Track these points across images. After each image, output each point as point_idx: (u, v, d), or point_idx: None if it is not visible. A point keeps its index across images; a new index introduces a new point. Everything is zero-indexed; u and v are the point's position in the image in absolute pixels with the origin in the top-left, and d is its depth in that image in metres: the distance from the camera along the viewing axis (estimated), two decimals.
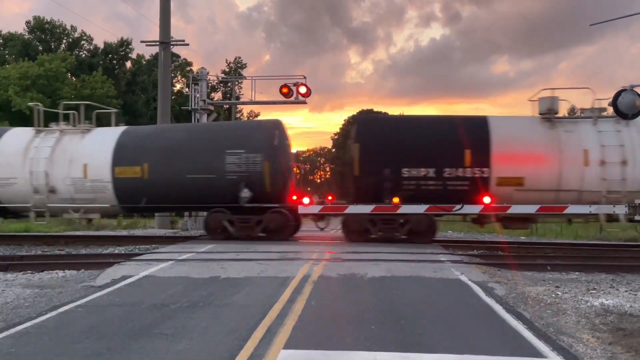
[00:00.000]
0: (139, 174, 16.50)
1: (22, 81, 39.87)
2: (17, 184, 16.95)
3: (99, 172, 16.68)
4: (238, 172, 16.07)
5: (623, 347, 6.26)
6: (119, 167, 16.58)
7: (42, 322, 6.97)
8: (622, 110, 9.05)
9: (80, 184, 16.76)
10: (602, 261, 12.99)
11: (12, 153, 17.08)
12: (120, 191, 16.70)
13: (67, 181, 16.80)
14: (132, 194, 16.68)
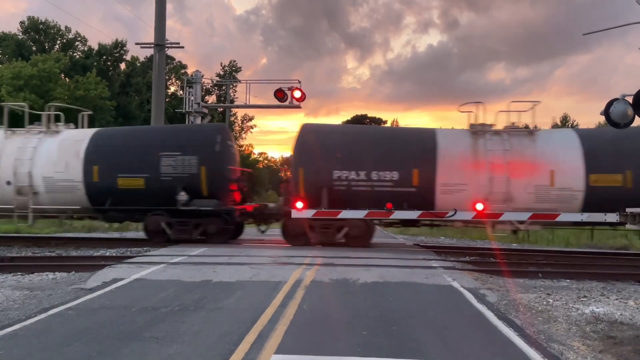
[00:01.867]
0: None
1: (15, 81, 39.63)
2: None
3: None
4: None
5: (613, 355, 6.29)
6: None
7: (32, 325, 6.91)
8: (614, 119, 9.11)
9: None
10: (593, 269, 13.05)
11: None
12: None
13: None
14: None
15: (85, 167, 16.58)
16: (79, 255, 14.21)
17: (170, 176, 16.25)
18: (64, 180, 16.65)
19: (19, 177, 16.70)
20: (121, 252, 14.63)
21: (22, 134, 17.51)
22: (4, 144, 17.19)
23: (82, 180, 16.57)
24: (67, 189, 16.65)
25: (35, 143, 17.05)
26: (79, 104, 42.51)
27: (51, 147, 16.99)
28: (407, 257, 13.77)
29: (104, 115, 43.94)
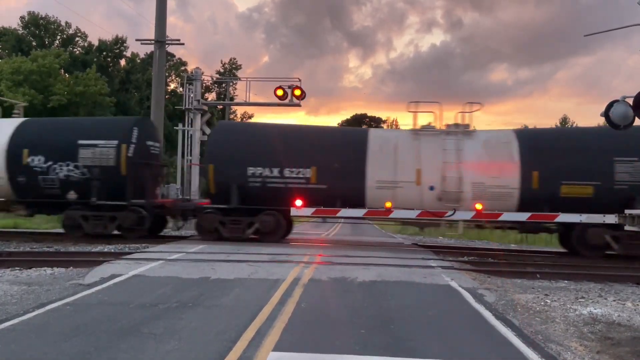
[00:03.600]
0: None
1: (14, 76, 39.57)
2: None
3: None
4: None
5: (610, 356, 6.29)
6: None
7: (29, 320, 6.91)
8: (614, 121, 9.12)
9: None
10: (591, 270, 13.05)
11: None
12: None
13: None
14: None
15: (522, 172, 15.50)
16: (78, 251, 14.18)
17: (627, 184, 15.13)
18: (497, 187, 15.58)
19: (449, 182, 15.67)
20: (119, 249, 14.61)
21: (436, 134, 16.46)
22: (415, 144, 16.33)
23: (518, 187, 15.46)
24: (499, 196, 15.56)
25: (455, 145, 16.05)
26: (79, 100, 42.63)
27: (475, 149, 16.06)
28: (405, 256, 13.78)
29: (103, 112, 43.90)
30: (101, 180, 16.42)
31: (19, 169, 16.80)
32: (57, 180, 16.67)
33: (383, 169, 16.02)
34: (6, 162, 16.86)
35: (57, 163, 16.65)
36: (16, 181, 16.87)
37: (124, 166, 16.48)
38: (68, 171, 16.62)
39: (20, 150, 16.80)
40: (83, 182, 16.52)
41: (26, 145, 16.86)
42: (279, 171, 16.24)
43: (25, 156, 16.72)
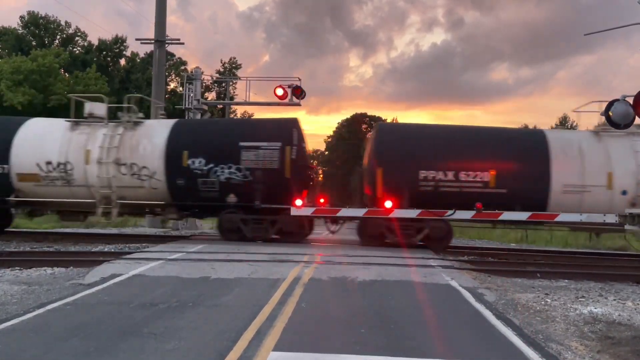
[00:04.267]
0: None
1: (14, 76, 39.54)
2: None
3: None
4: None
5: (611, 355, 6.29)
6: None
7: (30, 320, 6.90)
8: (615, 120, 9.13)
9: None
10: (591, 269, 13.07)
11: None
12: None
13: None
14: None
15: None
16: (78, 251, 14.19)
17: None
18: None
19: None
20: (120, 248, 14.62)
21: (623, 135, 15.58)
22: (602, 146, 15.66)
23: None
24: None
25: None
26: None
27: None
28: (405, 255, 13.77)
29: None
30: (264, 183, 16.01)
31: (179, 171, 16.33)
32: (217, 183, 16.21)
33: (570, 172, 15.40)
34: (165, 164, 16.39)
35: (219, 165, 16.19)
36: (175, 184, 16.40)
37: (288, 169, 16.10)
38: (229, 174, 16.17)
39: (179, 152, 16.34)
40: (244, 185, 16.12)
41: (186, 147, 16.40)
42: (453, 175, 15.59)
43: (185, 158, 16.27)
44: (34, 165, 16.65)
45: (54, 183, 16.72)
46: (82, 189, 16.72)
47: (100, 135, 16.81)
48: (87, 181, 16.63)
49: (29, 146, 16.83)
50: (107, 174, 16.41)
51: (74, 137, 16.92)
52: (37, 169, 16.65)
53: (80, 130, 17.10)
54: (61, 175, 16.63)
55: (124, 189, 16.51)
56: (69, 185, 16.71)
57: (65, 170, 16.61)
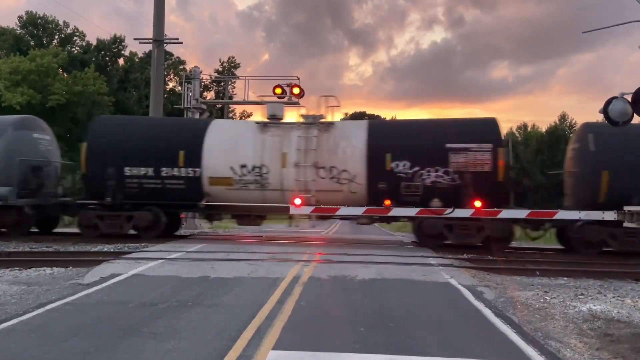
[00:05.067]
0: None
1: (12, 76, 39.49)
2: None
3: None
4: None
5: (610, 352, 6.30)
6: None
7: (29, 320, 6.91)
8: (612, 118, 9.12)
9: None
10: (590, 267, 13.06)
11: None
12: None
13: None
14: None
15: None
16: (77, 251, 14.17)
17: None
18: None
19: None
20: (119, 248, 14.60)
21: None
22: None
23: None
24: None
25: None
26: (77, 100, 42.56)
27: None
28: (405, 254, 13.78)
29: (102, 111, 43.84)
30: (473, 188, 15.18)
31: (381, 175, 15.70)
32: (421, 187, 15.55)
33: None
34: (367, 167, 15.79)
35: (425, 169, 15.55)
36: (375, 188, 15.72)
37: (501, 172, 15.35)
38: (436, 177, 15.50)
39: (382, 154, 15.73)
40: (450, 189, 15.46)
41: (388, 149, 15.78)
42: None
43: (388, 161, 15.64)
44: (227, 168, 16.16)
45: (247, 187, 16.21)
46: (276, 193, 16.21)
47: (294, 137, 16.31)
48: (282, 185, 16.12)
49: (221, 149, 16.38)
50: (305, 177, 15.88)
51: (267, 139, 16.41)
52: (230, 173, 16.16)
53: (272, 132, 16.57)
54: (255, 179, 16.12)
55: (320, 193, 15.96)
56: (262, 189, 16.18)
57: (260, 174, 16.11)
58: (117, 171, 16.30)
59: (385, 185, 15.68)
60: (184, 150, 16.32)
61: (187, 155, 16.28)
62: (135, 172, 16.39)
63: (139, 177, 16.40)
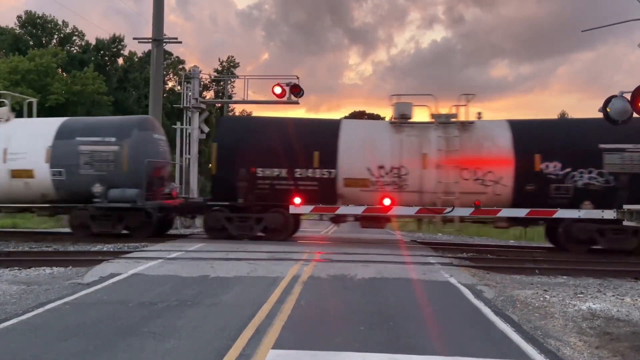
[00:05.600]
0: None
1: (12, 76, 39.47)
2: None
3: None
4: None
5: (609, 351, 6.31)
6: None
7: (29, 319, 6.91)
8: (612, 116, 9.14)
9: None
10: (589, 266, 13.07)
11: None
12: None
13: None
14: None
15: None
16: (76, 251, 14.17)
17: None
18: None
19: None
20: (118, 248, 14.60)
21: None
22: None
23: None
24: None
25: None
26: (76, 99, 42.55)
27: None
28: (404, 253, 13.79)
29: (102, 111, 43.81)
30: (630, 190, 14.69)
31: (529, 176, 15.24)
32: (571, 189, 15.14)
33: None
34: (514, 168, 15.37)
35: (577, 170, 15.11)
36: (522, 190, 15.32)
37: None
38: (589, 179, 15.11)
39: (530, 155, 15.30)
40: (603, 191, 15.03)
41: (537, 150, 15.35)
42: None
43: (537, 162, 15.20)
44: (364, 169, 15.84)
45: (383, 188, 15.83)
46: (414, 195, 15.81)
47: (433, 137, 15.92)
48: (421, 187, 15.75)
49: (357, 149, 16.05)
50: (447, 179, 15.47)
51: (404, 139, 16.04)
52: (367, 174, 15.83)
53: (408, 132, 16.18)
54: (393, 180, 15.76)
55: (464, 195, 15.49)
56: (399, 191, 15.78)
57: (398, 175, 15.74)
58: (249, 172, 16.06)
59: (533, 187, 15.32)
60: (319, 151, 16.08)
61: (322, 156, 16.04)
62: (268, 173, 16.13)
63: (271, 178, 16.12)
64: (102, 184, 15.90)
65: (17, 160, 16.48)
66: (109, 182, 15.96)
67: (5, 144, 16.67)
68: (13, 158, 16.52)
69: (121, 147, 16.17)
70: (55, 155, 16.34)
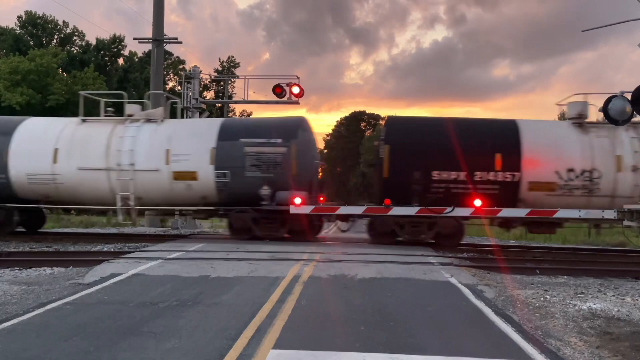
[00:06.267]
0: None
1: (12, 76, 39.50)
2: None
3: None
4: None
5: (610, 351, 6.30)
6: None
7: (29, 319, 6.91)
8: (612, 116, 9.14)
9: None
10: (590, 265, 13.07)
11: None
12: None
13: None
14: None
15: None
16: (77, 251, 14.18)
17: None
18: None
19: None
20: (119, 248, 14.61)
21: None
22: None
23: None
24: None
25: None
26: (77, 99, 42.59)
27: None
28: (404, 253, 13.78)
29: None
30: None
31: None
32: None
33: None
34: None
35: None
36: None
37: None
38: None
39: None
40: None
41: None
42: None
43: None
44: (552, 172, 15.30)
45: (571, 192, 15.29)
46: (604, 200, 15.21)
47: (625, 138, 15.43)
48: (614, 191, 15.18)
49: (544, 151, 15.59)
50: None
51: (593, 141, 15.56)
52: (555, 177, 15.30)
53: (596, 133, 15.72)
54: (583, 184, 15.21)
55: None
56: (589, 195, 15.26)
57: (590, 179, 15.16)
58: (424, 175, 15.66)
59: None
60: (501, 153, 15.56)
61: (504, 159, 15.51)
62: (445, 176, 15.66)
63: (447, 181, 15.66)
64: (270, 187, 15.54)
65: (180, 162, 15.99)
66: (276, 184, 15.61)
67: (167, 145, 16.16)
68: (176, 160, 16.01)
69: (289, 149, 15.83)
70: (219, 156, 15.91)
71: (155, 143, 16.28)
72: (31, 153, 16.46)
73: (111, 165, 16.14)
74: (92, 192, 16.50)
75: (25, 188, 16.62)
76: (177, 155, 16.02)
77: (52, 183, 16.44)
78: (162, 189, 16.12)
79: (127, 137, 16.27)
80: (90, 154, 16.30)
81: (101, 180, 16.19)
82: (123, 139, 16.28)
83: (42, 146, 16.51)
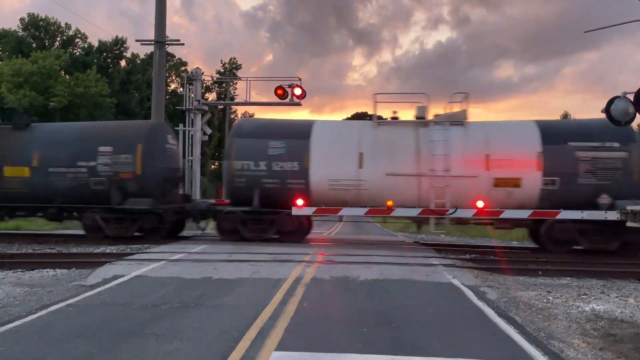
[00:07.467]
0: None
1: (15, 78, 39.60)
2: None
3: None
4: None
5: (613, 352, 6.29)
6: None
7: (32, 321, 6.92)
8: (615, 117, 9.12)
9: None
10: (593, 267, 13.04)
11: None
12: None
13: None
14: None
15: None
16: (80, 252, 14.18)
17: None
18: None
19: None
20: (121, 249, 14.62)
21: None
22: None
23: None
24: None
25: None
26: (79, 101, 42.68)
27: None
28: (407, 254, 13.77)
29: (104, 113, 43.93)
30: None
31: None
32: None
33: None
34: None
35: None
36: None
37: None
38: None
39: None
40: None
41: None
42: None
43: None
44: None
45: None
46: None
47: None
48: None
49: None
50: None
51: None
52: None
53: None
54: None
55: None
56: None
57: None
58: None
59: None
60: None
61: None
62: None
63: None
64: (609, 195, 14.63)
65: (502, 167, 15.00)
66: (614, 192, 14.66)
67: (486, 149, 15.17)
68: (497, 165, 15.04)
69: (630, 154, 14.87)
70: (546, 162, 14.94)
71: (470, 147, 15.39)
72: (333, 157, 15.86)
73: (423, 171, 15.33)
74: (396, 199, 15.57)
75: (327, 194, 15.85)
76: (498, 161, 15.15)
77: (355, 189, 15.70)
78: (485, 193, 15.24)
79: (439, 141, 15.38)
80: (398, 159, 15.57)
81: (410, 186, 15.42)
82: (434, 142, 15.42)
83: (345, 150, 15.88)
